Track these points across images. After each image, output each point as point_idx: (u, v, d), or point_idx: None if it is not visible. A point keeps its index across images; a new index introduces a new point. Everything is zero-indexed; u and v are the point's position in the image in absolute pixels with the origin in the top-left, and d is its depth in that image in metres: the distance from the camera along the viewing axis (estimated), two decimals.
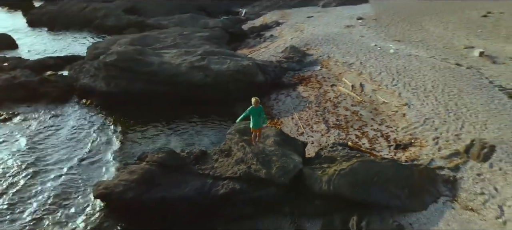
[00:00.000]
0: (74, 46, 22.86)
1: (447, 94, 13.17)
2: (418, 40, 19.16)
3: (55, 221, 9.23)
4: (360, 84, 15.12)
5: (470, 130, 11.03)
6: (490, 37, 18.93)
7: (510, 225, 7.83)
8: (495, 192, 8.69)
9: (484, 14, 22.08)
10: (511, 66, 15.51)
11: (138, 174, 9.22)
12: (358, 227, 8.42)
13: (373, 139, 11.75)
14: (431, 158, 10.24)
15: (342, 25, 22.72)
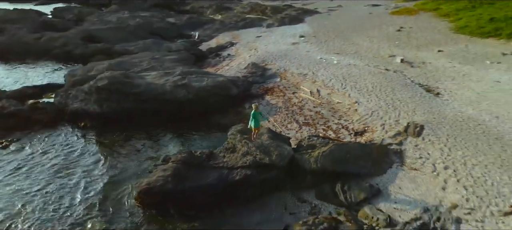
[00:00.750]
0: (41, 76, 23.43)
1: (384, 92, 17.18)
2: (353, 52, 23.48)
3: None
4: (317, 90, 18.66)
5: (405, 116, 14.94)
6: (406, 47, 23.88)
7: (441, 176, 11.53)
8: (428, 156, 12.46)
9: (398, 29, 27.35)
10: (424, 69, 20.20)
11: (170, 170, 11.47)
12: (342, 191, 11.62)
13: (336, 130, 15.18)
14: (382, 138, 13.88)
15: (288, 43, 26.46)
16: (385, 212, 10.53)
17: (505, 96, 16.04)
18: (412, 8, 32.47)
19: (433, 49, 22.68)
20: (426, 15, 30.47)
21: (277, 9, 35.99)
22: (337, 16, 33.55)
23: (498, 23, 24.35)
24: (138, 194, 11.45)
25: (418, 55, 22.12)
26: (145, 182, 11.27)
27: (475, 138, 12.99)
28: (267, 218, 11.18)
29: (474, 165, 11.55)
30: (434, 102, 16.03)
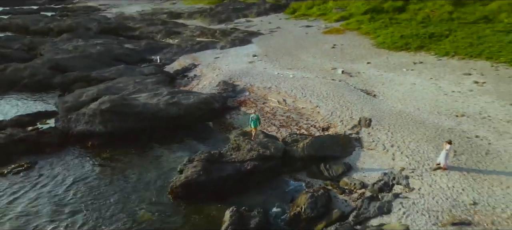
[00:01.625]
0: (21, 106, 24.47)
1: (336, 97, 22.09)
2: (302, 67, 28.38)
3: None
4: (283, 99, 23.00)
5: (356, 113, 19.88)
6: (342, 61, 29.45)
7: (390, 151, 16.41)
8: (378, 139, 17.37)
9: (332, 46, 33.06)
10: (360, 77, 25.68)
11: (199, 166, 14.78)
12: (326, 169, 15.93)
13: (307, 128, 19.59)
14: (344, 130, 18.59)
15: (245, 62, 30.58)
16: (358, 179, 15.04)
17: (420, 94, 21.89)
18: (339, 28, 38.82)
19: (363, 62, 28.55)
20: (351, 33, 36.90)
21: (225, 32, 39.98)
22: (279, 36, 38.55)
23: (407, 39, 31.22)
24: (176, 187, 14.55)
25: (353, 67, 27.73)
26: (183, 176, 14.45)
27: (407, 124, 18.28)
28: (276, 194, 15.02)
29: (410, 141, 16.68)
30: (373, 102, 21.30)
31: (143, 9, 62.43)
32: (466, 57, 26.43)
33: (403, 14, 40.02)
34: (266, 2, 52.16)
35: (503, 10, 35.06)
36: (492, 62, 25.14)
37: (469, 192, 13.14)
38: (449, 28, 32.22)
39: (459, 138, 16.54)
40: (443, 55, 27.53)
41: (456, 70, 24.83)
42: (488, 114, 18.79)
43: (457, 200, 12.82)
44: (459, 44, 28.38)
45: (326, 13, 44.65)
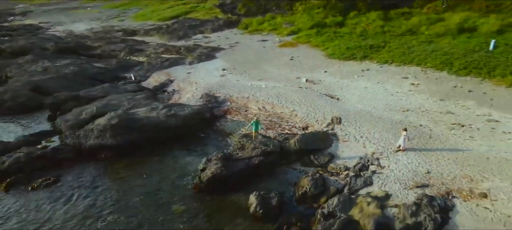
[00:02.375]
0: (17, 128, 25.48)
1: (308, 102, 26.47)
2: (271, 78, 32.48)
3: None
4: (263, 106, 26.86)
5: (327, 114, 24.39)
6: (303, 71, 34.07)
7: (361, 141, 21.04)
8: (350, 132, 21.97)
9: (291, 58, 37.69)
10: (322, 84, 30.37)
11: (220, 163, 18.03)
12: (315, 159, 20.05)
13: (290, 129, 23.64)
14: (321, 128, 22.94)
15: (217, 75, 33.93)
16: (341, 164, 19.38)
17: (373, 95, 27.12)
18: (292, 42, 43.69)
19: (321, 71, 33.49)
20: (303, 46, 41.92)
21: (189, 48, 42.74)
22: (239, 51, 42.29)
23: (352, 50, 36.88)
24: (202, 182, 17.66)
25: (313, 75, 32.49)
26: (210, 172, 17.63)
27: (368, 119, 23.16)
28: (281, 181, 18.80)
29: (374, 132, 21.49)
30: (339, 104, 26.06)
31: (92, 27, 62.40)
32: (401, 64, 32.52)
33: (343, 28, 46.18)
34: (219, 19, 55.72)
35: (422, 24, 42.55)
36: (421, 67, 31.40)
37: (423, 165, 18.07)
38: (384, 40, 38.63)
39: (409, 127, 21.65)
40: (383, 63, 33.42)
41: (395, 75, 30.66)
42: (425, 108, 24.40)
43: (416, 171, 17.66)
44: (394, 54, 34.54)
45: (277, 28, 49.53)
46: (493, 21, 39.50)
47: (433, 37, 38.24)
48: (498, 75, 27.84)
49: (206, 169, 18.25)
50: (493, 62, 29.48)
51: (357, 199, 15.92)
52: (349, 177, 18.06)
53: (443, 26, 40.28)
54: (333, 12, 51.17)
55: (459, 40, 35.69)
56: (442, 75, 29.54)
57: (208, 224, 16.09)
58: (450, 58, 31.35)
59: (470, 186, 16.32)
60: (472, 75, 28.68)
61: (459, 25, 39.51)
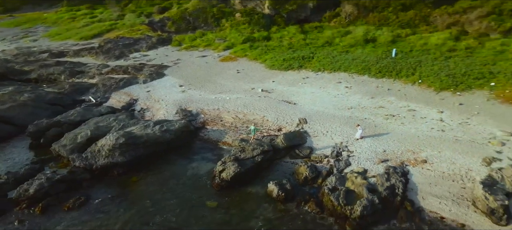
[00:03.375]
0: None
1: (272, 108, 31.74)
2: (229, 90, 36.83)
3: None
4: (235, 115, 31.27)
5: (292, 116, 29.99)
6: (253, 82, 39.16)
7: (328, 134, 27.14)
8: (317, 129, 27.93)
9: (237, 71, 42.46)
10: (276, 92, 35.88)
11: (236, 163, 22.15)
12: (299, 152, 25.43)
13: (267, 131, 28.62)
14: (292, 128, 28.43)
15: (179, 91, 36.96)
16: (321, 154, 25.14)
17: (320, 98, 33.62)
18: (231, 56, 48.35)
19: (269, 81, 39.11)
20: (243, 60, 46.99)
21: (136, 67, 44.16)
22: (185, 67, 45.31)
23: (289, 61, 43.37)
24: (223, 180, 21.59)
25: (264, 85, 37.91)
26: (232, 171, 21.62)
27: (327, 118, 29.46)
28: (280, 172, 23.71)
29: (335, 127, 27.83)
30: (297, 107, 31.91)
31: (3, 49, 57.89)
32: (332, 71, 40.04)
33: (271, 41, 52.67)
34: (150, 36, 57.34)
35: (335, 36, 51.42)
36: (348, 73, 39.28)
37: (379, 146, 24.87)
38: (311, 52, 46.08)
39: (357, 120, 28.54)
40: (317, 71, 40.56)
41: (331, 80, 37.91)
42: (363, 105, 31.74)
43: (376, 151, 24.35)
44: (323, 63, 41.99)
45: (211, 44, 53.59)
46: (387, 33, 50.16)
47: (347, 48, 46.97)
48: (404, 76, 36.94)
49: (225, 169, 22.22)
50: (398, 66, 38.74)
51: (346, 176, 21.79)
52: (331, 162, 23.91)
53: (352, 38, 49.56)
54: (257, 27, 57.52)
55: (368, 50, 44.91)
56: (365, 78, 37.71)
57: (242, 211, 20.22)
58: (367, 64, 39.88)
59: (414, 156, 23.54)
60: (386, 77, 37.37)
61: (364, 37, 49.17)
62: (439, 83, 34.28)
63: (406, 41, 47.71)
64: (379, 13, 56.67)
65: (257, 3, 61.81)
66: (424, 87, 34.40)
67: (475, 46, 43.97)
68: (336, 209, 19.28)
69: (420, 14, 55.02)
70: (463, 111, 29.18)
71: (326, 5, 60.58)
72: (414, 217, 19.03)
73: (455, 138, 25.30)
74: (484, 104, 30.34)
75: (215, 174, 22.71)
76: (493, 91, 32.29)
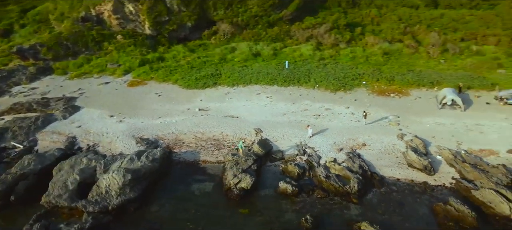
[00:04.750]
0: None
1: (222, 123, 35.52)
2: (167, 113, 38.06)
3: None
4: (195, 136, 33.77)
5: (246, 128, 34.71)
6: (182, 103, 41.07)
7: (287, 138, 33.21)
8: (274, 135, 33.63)
9: (158, 95, 43.30)
10: (214, 110, 39.22)
11: (248, 174, 25.85)
12: (276, 155, 30.68)
13: (233, 144, 32.56)
14: (254, 138, 33.27)
15: (115, 122, 35.98)
16: (291, 153, 31.09)
17: (255, 109, 39.18)
18: (138, 80, 47.78)
19: (196, 100, 42.00)
20: (153, 83, 47.34)
21: (40, 103, 38.98)
22: (96, 96, 42.44)
23: (202, 80, 46.81)
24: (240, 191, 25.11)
25: (195, 105, 40.73)
26: (249, 180, 25.22)
27: (273, 125, 35.42)
28: (272, 173, 28.54)
29: (286, 131, 34.13)
30: (243, 120, 36.71)
31: None
32: (246, 85, 45.91)
33: (167, 62, 54.32)
34: (25, 66, 49.90)
35: (225, 53, 57.30)
36: (260, 85, 45.87)
37: (328, 140, 32.59)
38: (215, 69, 50.66)
39: (295, 123, 35.60)
40: (232, 86, 45.74)
41: (251, 93, 43.79)
42: (292, 110, 39.05)
43: (329, 143, 31.98)
44: (233, 78, 47.38)
45: (105, 69, 51.16)
46: (266, 47, 59.21)
47: (242, 63, 53.58)
48: (303, 82, 46.12)
49: (241, 181, 25.72)
50: (296, 75, 47.74)
51: (327, 165, 28.50)
52: (305, 159, 30.14)
53: (241, 53, 56.51)
54: (144, 48, 57.97)
55: (262, 63, 52.71)
56: (276, 88, 45.15)
57: (272, 210, 24.57)
58: (273, 76, 47.48)
59: (356, 142, 32.19)
60: (291, 85, 45.78)
61: (251, 52, 56.82)
62: (332, 85, 44.79)
63: (284, 53, 57.75)
64: (252, 30, 65.48)
65: (136, 24, 61.73)
66: (323, 90, 44.28)
67: (334, 54, 57.47)
68: (338, 190, 25.83)
69: (283, 29, 66.48)
70: (360, 105, 39.90)
71: (202, 24, 65.61)
72: (383, 183, 27.28)
73: (369, 124, 35.23)
74: (368, 98, 42.02)
75: (230, 186, 25.91)
76: (368, 88, 44.67)
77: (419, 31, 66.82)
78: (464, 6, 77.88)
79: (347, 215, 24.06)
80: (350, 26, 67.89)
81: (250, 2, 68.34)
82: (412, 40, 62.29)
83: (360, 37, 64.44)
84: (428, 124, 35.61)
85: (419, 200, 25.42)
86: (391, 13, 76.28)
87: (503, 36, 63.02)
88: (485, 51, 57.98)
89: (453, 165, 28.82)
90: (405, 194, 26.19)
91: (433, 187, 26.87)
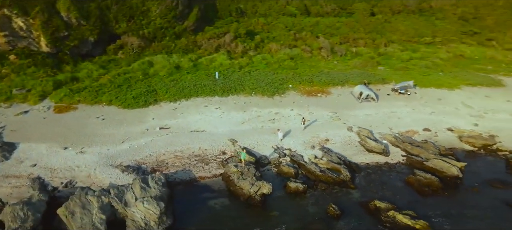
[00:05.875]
0: None
1: (195, 138, 36.04)
2: (130, 137, 35.77)
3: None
4: (175, 155, 33.51)
5: (221, 140, 36.18)
6: (135, 124, 38.82)
7: (262, 144, 36.09)
8: (249, 143, 36.14)
9: (101, 118, 39.60)
10: (174, 127, 38.62)
11: (265, 182, 28.07)
12: (262, 161, 33.35)
13: (216, 157, 33.80)
14: (233, 149, 35.10)
15: (74, 153, 32.25)
16: (273, 158, 34.31)
17: (215, 122, 40.48)
18: (64, 105, 41.90)
19: (148, 119, 40.43)
20: (83, 106, 42.29)
21: None
22: (24, 129, 35.47)
23: (141, 97, 44.67)
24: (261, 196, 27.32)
25: (149, 124, 39.34)
26: (268, 186, 27.46)
27: (241, 134, 37.84)
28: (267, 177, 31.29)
29: (257, 138, 37.15)
30: (211, 133, 37.86)
31: None
32: (188, 98, 46.12)
33: (82, 82, 49.32)
34: None
35: (144, 68, 55.36)
36: (202, 97, 46.77)
37: (297, 139, 37.03)
38: (147, 85, 48.85)
39: (260, 129, 38.88)
40: (175, 101, 45.46)
41: (198, 106, 44.54)
42: (248, 118, 41.88)
43: (300, 142, 36.43)
44: (172, 93, 46.82)
45: (11, 96, 43.04)
46: (183, 59, 59.62)
47: (167, 76, 52.97)
48: (240, 90, 49.18)
49: (260, 188, 27.76)
50: (230, 84, 50.31)
51: (316, 162, 32.82)
52: (288, 159, 33.79)
53: (163, 67, 55.66)
54: (47, 68, 51.25)
55: (193, 75, 53.24)
56: (219, 98, 46.94)
57: (293, 207, 27.81)
58: (210, 87, 48.92)
59: (320, 139, 37.51)
60: (231, 94, 48.22)
61: (172, 65, 56.52)
62: (266, 91, 49.20)
63: (203, 64, 59.36)
64: (160, 42, 64.58)
65: (29, 41, 53.62)
66: (260, 96, 48.31)
67: (249, 62, 62.05)
68: (336, 180, 30.50)
69: (190, 40, 67.64)
70: (301, 106, 45.55)
71: (105, 38, 61.40)
72: (359, 168, 33.18)
73: (329, 122, 41.03)
74: (301, 99, 48.04)
75: (250, 194, 27.76)
76: (296, 90, 50.71)
77: (306, 37, 77.20)
78: (330, 15, 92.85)
79: (354, 198, 29.00)
80: (249, 34, 73.63)
81: (151, 14, 67.27)
82: (305, 45, 71.83)
83: (262, 44, 70.80)
84: (360, 116, 43.56)
85: (392, 177, 32.20)
86: (276, 21, 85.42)
87: (367, 39, 78.50)
88: (362, 52, 71.40)
89: (397, 145, 36.89)
90: (379, 174, 32.64)
91: (394, 165, 34.18)
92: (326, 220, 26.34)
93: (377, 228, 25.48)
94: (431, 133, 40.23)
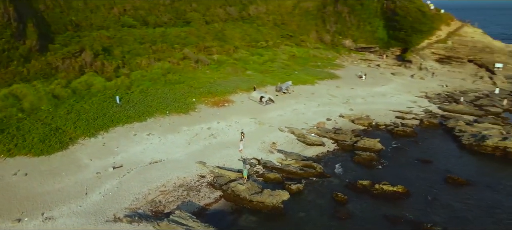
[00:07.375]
0: None
1: (164, 170, 33.60)
2: (84, 191, 29.50)
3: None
4: (159, 191, 30.74)
5: (189, 165, 35.05)
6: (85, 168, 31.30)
7: (229, 160, 37.03)
8: (217, 162, 36.49)
9: (15, 173, 30.11)
10: (127, 165, 33.70)
11: (285, 192, 30.31)
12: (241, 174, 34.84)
13: (196, 182, 33.11)
14: (207, 170, 34.86)
15: (41, 220, 24.81)
16: (248, 169, 36.25)
17: (162, 148, 37.90)
18: None
19: (85, 162, 33.76)
20: None
21: None
22: None
23: (53, 139, 35.74)
24: (280, 205, 29.80)
25: (93, 168, 33.09)
26: (284, 194, 29.95)
27: (199, 156, 37.55)
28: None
29: (220, 154, 37.86)
30: (172, 161, 35.92)
31: None
32: (107, 131, 40.40)
33: None
34: None
35: (8, 105, 43.92)
36: (120, 126, 41.80)
37: (251, 148, 39.86)
38: (49, 124, 39.30)
39: (211, 146, 39.58)
40: (95, 136, 39.11)
41: (126, 136, 39.90)
42: (190, 137, 41.07)
43: (259, 150, 39.50)
44: (83, 129, 39.60)
45: None
46: (57, 87, 49.95)
47: (55, 109, 44.02)
48: (153, 112, 46.39)
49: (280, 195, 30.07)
50: (139, 108, 46.55)
51: (289, 164, 36.72)
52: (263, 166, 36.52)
53: (40, 98, 45.56)
54: None
55: (87, 104, 45.83)
56: (140, 124, 42.93)
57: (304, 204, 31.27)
58: (121, 115, 43.92)
59: (268, 143, 41.46)
60: (148, 118, 44.89)
61: (50, 93, 47.01)
62: (180, 109, 48.40)
63: (79, 90, 51.43)
64: (7, 69, 51.74)
65: None
66: (176, 115, 47.23)
67: (132, 80, 57.87)
68: (315, 174, 35.83)
69: (43, 62, 56.93)
70: (221, 117, 47.66)
71: None
72: (317, 161, 39.14)
73: (259, 128, 44.68)
74: (214, 111, 49.88)
75: (274, 204, 29.47)
76: (204, 103, 51.85)
77: (163, 48, 76.62)
78: (168, 24, 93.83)
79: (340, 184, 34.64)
80: (105, 50, 67.51)
81: None
82: (172, 57, 71.61)
83: (129, 61, 66.44)
84: (275, 117, 49.47)
85: (344, 160, 39.62)
86: (119, 33, 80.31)
87: (216, 47, 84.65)
88: (222, 59, 76.77)
89: (324, 136, 44.73)
90: (334, 161, 39.50)
91: (334, 151, 41.89)
92: (340, 205, 31.06)
93: (378, 200, 32.11)
94: (332, 121, 50.17)
